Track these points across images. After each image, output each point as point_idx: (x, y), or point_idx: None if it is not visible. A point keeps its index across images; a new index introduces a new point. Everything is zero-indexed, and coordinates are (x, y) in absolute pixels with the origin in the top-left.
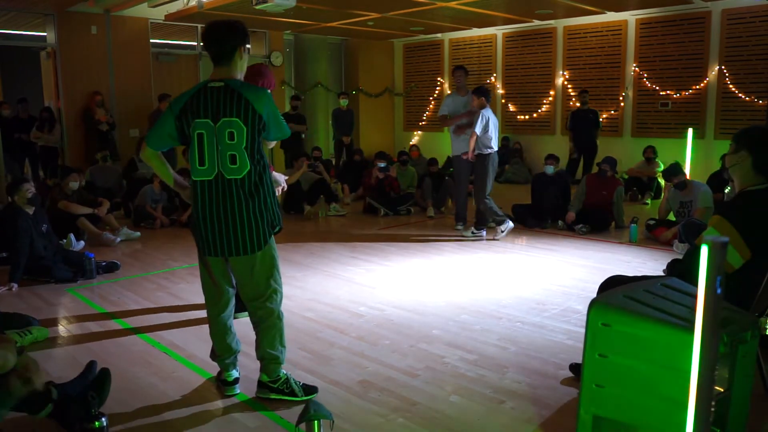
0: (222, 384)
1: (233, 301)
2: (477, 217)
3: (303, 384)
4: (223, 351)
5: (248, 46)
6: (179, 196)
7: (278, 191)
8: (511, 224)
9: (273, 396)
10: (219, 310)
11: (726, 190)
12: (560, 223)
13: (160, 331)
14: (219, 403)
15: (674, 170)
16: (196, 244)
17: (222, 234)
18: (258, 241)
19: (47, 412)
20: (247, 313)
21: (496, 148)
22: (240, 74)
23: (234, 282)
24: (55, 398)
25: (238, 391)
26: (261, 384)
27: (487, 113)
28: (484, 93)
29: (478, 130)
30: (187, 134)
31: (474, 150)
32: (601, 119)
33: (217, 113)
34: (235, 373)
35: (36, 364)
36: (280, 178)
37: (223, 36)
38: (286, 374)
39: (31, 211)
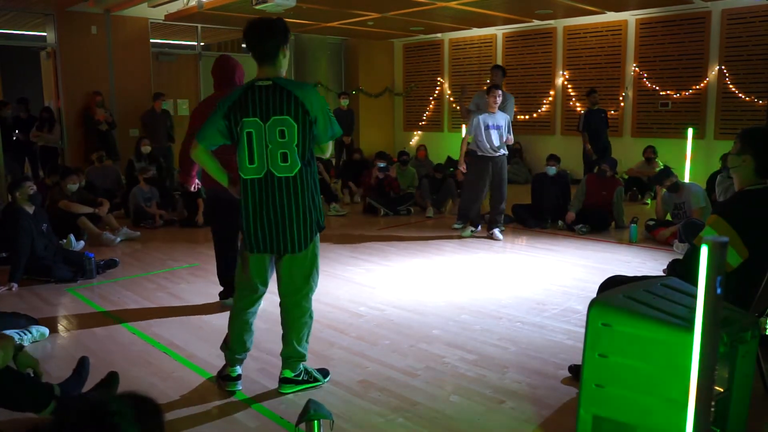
0: (224, 379)
1: (261, 301)
2: (492, 218)
3: (317, 369)
4: (237, 346)
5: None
6: (184, 193)
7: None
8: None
9: (300, 388)
10: (246, 305)
11: (717, 180)
12: (560, 223)
13: (160, 331)
14: (219, 403)
15: (662, 175)
16: (242, 239)
17: (271, 232)
18: (305, 240)
19: (50, 410)
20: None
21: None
22: (284, 72)
23: (268, 281)
24: (57, 395)
25: (240, 388)
26: (285, 380)
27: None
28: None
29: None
30: (234, 132)
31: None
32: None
33: (267, 112)
34: (239, 370)
35: (11, 342)
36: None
37: (265, 35)
38: (303, 365)
39: (31, 210)
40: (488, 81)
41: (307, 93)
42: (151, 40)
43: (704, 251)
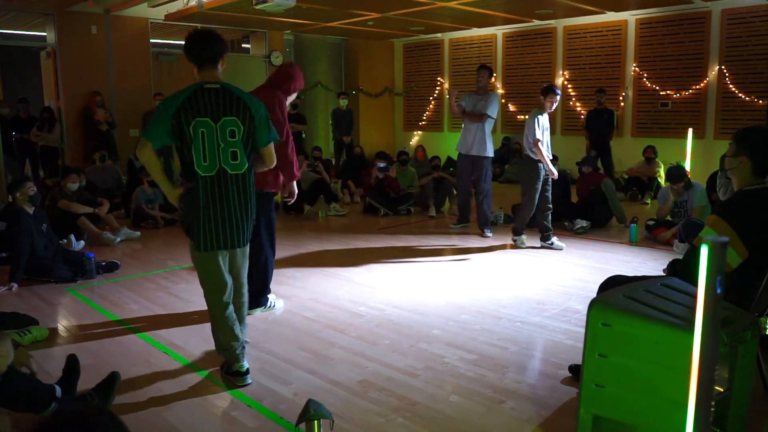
0: (234, 376)
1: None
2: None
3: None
4: (233, 340)
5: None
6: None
7: (291, 199)
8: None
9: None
10: (225, 305)
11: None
12: (567, 224)
13: (160, 331)
14: (219, 403)
15: (679, 173)
16: (192, 239)
17: (226, 227)
18: (250, 234)
19: (51, 411)
20: (259, 309)
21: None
22: (221, 78)
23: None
24: (59, 396)
25: (250, 382)
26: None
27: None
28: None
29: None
30: (185, 132)
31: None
32: (617, 118)
33: (218, 113)
34: (246, 364)
35: (8, 341)
36: (294, 189)
37: (211, 42)
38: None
39: (31, 210)
40: (479, 82)
41: (253, 99)
42: (151, 40)
43: (704, 251)
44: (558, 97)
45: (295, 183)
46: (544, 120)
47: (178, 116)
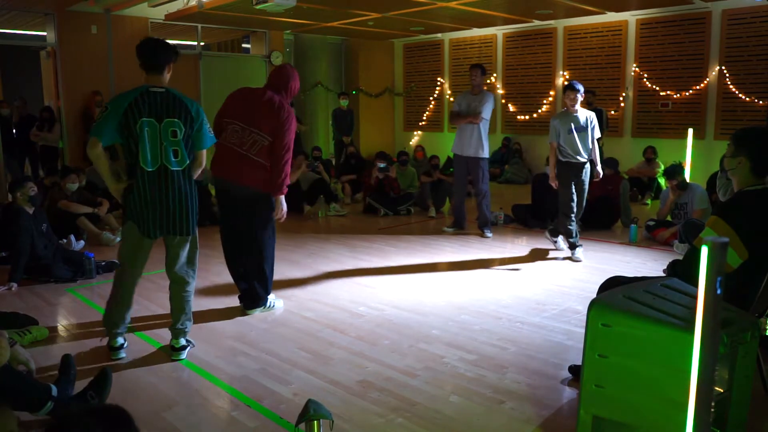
0: (110, 349)
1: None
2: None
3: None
4: (121, 321)
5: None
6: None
7: (279, 214)
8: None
9: (183, 357)
10: (129, 280)
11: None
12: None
13: (159, 330)
14: (219, 403)
15: (675, 170)
16: (125, 223)
17: (163, 217)
18: (192, 225)
19: (47, 410)
20: (259, 309)
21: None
22: (166, 83)
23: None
24: (55, 395)
25: (124, 356)
26: (175, 348)
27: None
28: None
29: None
30: (132, 130)
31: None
32: (607, 118)
33: (161, 114)
34: (121, 340)
35: (5, 340)
36: (283, 206)
37: (159, 50)
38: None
39: (31, 210)
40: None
41: (194, 104)
42: None
43: (704, 252)
44: (575, 94)
45: (283, 199)
46: (562, 122)
47: (126, 115)
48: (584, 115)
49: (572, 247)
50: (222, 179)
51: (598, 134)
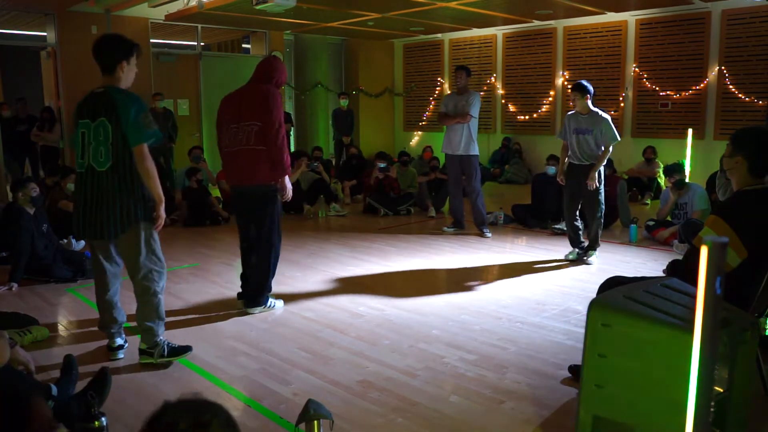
0: (108, 350)
1: (116, 281)
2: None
3: (177, 346)
4: (111, 322)
5: (132, 60)
6: (189, 192)
7: (285, 195)
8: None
9: (148, 360)
10: (106, 283)
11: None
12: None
13: None
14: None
15: (674, 168)
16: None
17: (91, 219)
18: (121, 226)
19: None
20: (260, 308)
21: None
22: (127, 82)
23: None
24: (55, 395)
25: (122, 356)
26: (141, 351)
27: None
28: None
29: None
30: (75, 134)
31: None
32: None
33: (95, 114)
34: (119, 340)
35: (5, 340)
36: (288, 185)
37: (106, 50)
38: (162, 340)
39: (32, 210)
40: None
41: (124, 100)
42: (151, 40)
43: (704, 251)
44: (574, 94)
45: (288, 179)
46: (569, 121)
47: (75, 119)
48: (592, 119)
49: (583, 249)
50: (234, 185)
51: (605, 141)
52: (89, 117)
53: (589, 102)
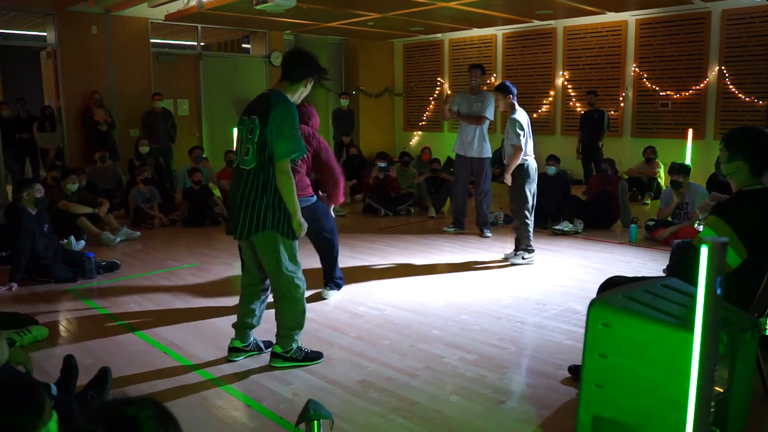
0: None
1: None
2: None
3: (311, 351)
4: (240, 325)
5: (311, 82)
6: (191, 192)
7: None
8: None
9: (287, 364)
10: (247, 285)
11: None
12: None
13: (159, 331)
14: (219, 403)
15: (674, 167)
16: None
17: (231, 216)
18: (256, 227)
19: None
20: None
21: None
22: (293, 96)
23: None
24: (54, 395)
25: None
26: (274, 354)
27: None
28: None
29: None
30: None
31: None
32: (608, 119)
33: (249, 111)
34: (238, 343)
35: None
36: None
37: (306, 61)
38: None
39: (33, 211)
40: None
41: (282, 108)
42: (151, 40)
43: (704, 251)
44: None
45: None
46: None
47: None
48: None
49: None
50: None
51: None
52: (246, 114)
53: (513, 101)
